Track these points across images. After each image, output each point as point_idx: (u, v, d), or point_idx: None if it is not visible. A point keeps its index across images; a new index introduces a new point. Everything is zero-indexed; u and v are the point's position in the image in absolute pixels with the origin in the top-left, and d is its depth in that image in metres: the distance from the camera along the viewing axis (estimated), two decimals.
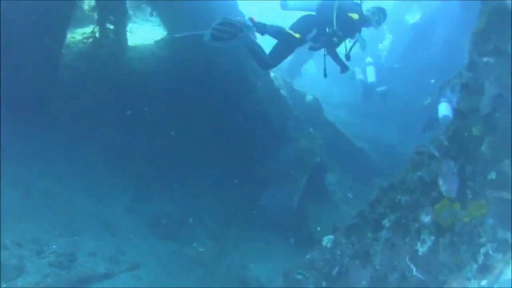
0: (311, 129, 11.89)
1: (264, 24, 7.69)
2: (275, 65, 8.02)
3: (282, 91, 12.90)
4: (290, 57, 8.57)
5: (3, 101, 10.02)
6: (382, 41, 19.87)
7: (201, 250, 9.90)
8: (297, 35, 7.80)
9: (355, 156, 14.55)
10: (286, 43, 7.92)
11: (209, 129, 12.32)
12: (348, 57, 8.24)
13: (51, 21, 10.66)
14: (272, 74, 12.58)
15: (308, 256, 7.66)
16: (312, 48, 8.18)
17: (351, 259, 6.58)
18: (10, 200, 9.35)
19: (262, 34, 7.77)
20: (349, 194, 13.26)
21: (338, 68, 8.52)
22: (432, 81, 15.50)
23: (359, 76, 17.25)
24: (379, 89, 17.04)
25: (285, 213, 11.34)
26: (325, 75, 8.24)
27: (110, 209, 10.27)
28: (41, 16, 10.33)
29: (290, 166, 11.51)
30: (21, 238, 8.59)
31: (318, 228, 10.98)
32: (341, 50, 8.25)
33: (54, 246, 8.71)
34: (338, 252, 6.94)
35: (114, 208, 10.36)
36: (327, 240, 7.20)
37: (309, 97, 14.62)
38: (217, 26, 7.03)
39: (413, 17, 22.60)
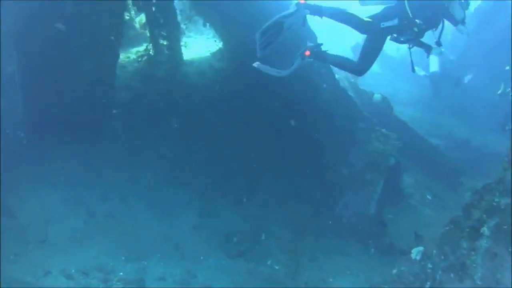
0: (383, 129, 11.04)
1: (320, 7, 7.15)
2: (369, 67, 7.36)
3: (349, 92, 12.11)
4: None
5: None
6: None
7: (276, 267, 9.22)
8: (368, 19, 7.17)
9: (430, 155, 13.55)
10: (373, 39, 7.26)
11: (275, 137, 11.76)
12: (438, 43, 7.35)
13: (102, 41, 10.32)
14: (336, 75, 11.83)
15: (395, 271, 6.87)
16: (395, 40, 7.40)
17: (445, 273, 5.77)
18: (73, 226, 9.13)
19: (321, 16, 7.22)
20: (427, 196, 12.34)
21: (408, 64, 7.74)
22: (507, 68, 14.47)
23: (422, 72, 16.22)
24: (466, 77, 15.87)
25: (362, 220, 10.57)
26: (412, 70, 7.54)
27: (177, 228, 9.81)
28: (92, 36, 10.03)
29: (365, 171, 10.71)
30: (86, 266, 8.31)
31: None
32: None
33: (121, 273, 8.37)
34: (429, 265, 6.14)
35: (182, 227, 9.88)
36: (416, 252, 6.41)
37: (377, 96, 13.74)
38: (260, 43, 6.92)
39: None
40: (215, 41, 14.91)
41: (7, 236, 8.22)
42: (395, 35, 7.31)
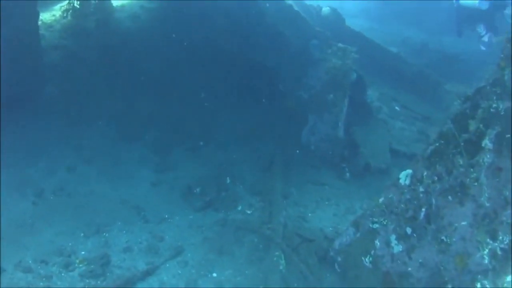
0: (339, 44, 10.15)
1: None
2: None
3: (295, 8, 11.11)
4: None
5: None
6: None
7: (248, 212, 8.47)
8: None
9: (391, 64, 12.80)
10: None
11: (223, 71, 10.85)
12: None
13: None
14: None
15: (381, 199, 6.17)
16: None
17: (441, 196, 5.06)
18: (21, 210, 8.10)
19: None
20: (396, 107, 11.67)
21: None
22: None
23: None
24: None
25: (332, 144, 9.80)
26: None
27: (135, 189, 8.85)
28: None
29: (326, 91, 9.87)
30: (43, 253, 7.33)
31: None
32: None
33: (82, 252, 7.41)
34: (421, 189, 5.42)
35: (139, 186, 8.92)
36: (404, 176, 5.68)
37: (325, 10, 12.81)
38: None
39: None
40: None
41: None
42: None
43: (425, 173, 5.33)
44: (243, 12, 10.76)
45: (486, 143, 4.39)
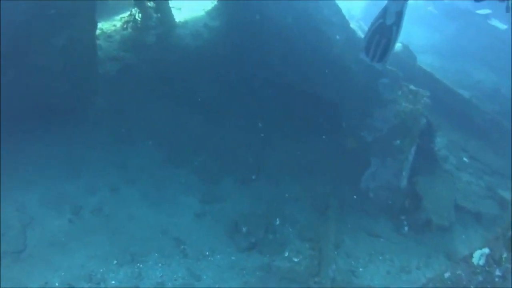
0: (411, 86, 9.43)
1: None
2: None
3: None
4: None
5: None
6: None
7: (295, 260, 7.78)
8: None
9: (462, 110, 11.94)
10: None
11: (284, 102, 10.22)
12: None
13: (74, 10, 8.67)
14: (351, 24, 10.21)
15: (447, 274, 5.39)
16: None
17: None
18: (56, 228, 7.65)
19: None
20: (464, 158, 10.82)
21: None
22: None
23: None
24: None
25: (393, 193, 9.07)
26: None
27: (177, 218, 8.29)
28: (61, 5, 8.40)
29: (392, 135, 9.16)
30: (72, 276, 6.89)
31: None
32: None
33: (113, 282, 6.93)
34: (498, 273, 4.64)
35: (182, 216, 8.35)
36: (478, 256, 4.92)
37: (397, 46, 12.05)
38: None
39: None
40: None
41: None
42: None
43: (504, 255, 4.56)
44: (310, 40, 10.14)
45: None
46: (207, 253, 7.71)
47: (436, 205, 8.89)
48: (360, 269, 7.81)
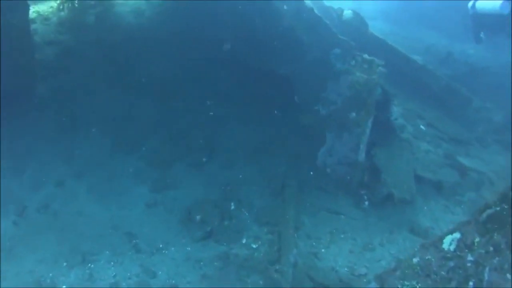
0: (365, 55, 9.10)
1: None
2: None
3: (315, 11, 10.02)
4: None
5: None
6: None
7: (254, 246, 7.44)
8: None
9: (416, 76, 11.70)
10: None
11: (232, 77, 9.88)
12: None
13: None
14: None
15: (416, 259, 5.11)
16: None
17: (497, 272, 4.03)
18: (1, 232, 7.16)
19: None
20: (421, 126, 10.62)
21: None
22: None
23: None
24: None
25: (351, 169, 8.76)
26: None
27: (128, 211, 7.86)
28: None
29: (348, 108, 8.83)
30: (20, 283, 6.47)
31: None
32: None
33: (63, 286, 6.49)
34: (470, 258, 4.38)
35: (133, 207, 7.92)
36: (449, 241, 4.64)
37: (347, 13, 11.68)
38: None
39: None
40: None
41: None
42: None
43: (477, 240, 4.29)
44: (257, 13, 9.70)
45: None
46: (160, 246, 7.32)
47: (396, 177, 8.64)
48: (322, 250, 7.49)
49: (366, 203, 8.55)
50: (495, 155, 10.29)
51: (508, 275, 3.85)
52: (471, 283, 4.26)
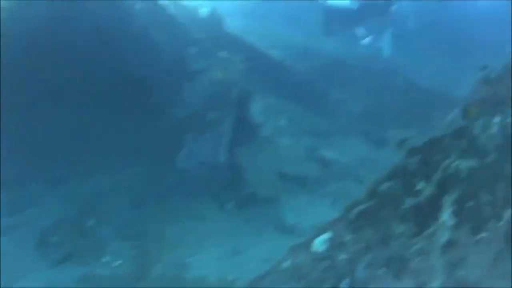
0: (222, 52, 8.95)
1: None
2: None
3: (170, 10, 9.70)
4: None
5: None
6: None
7: (116, 264, 7.00)
8: None
9: (275, 71, 11.76)
10: None
11: (84, 82, 9.17)
12: None
13: None
14: None
15: (287, 262, 4.97)
16: None
17: (371, 268, 3.99)
18: None
19: None
20: (281, 121, 10.65)
21: None
22: None
23: None
24: None
25: (213, 170, 8.58)
26: None
27: None
28: None
29: (206, 108, 8.63)
30: None
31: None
32: None
33: None
34: (343, 256, 4.30)
35: None
36: (321, 242, 4.55)
37: (204, 11, 11.46)
38: None
39: None
40: None
41: None
42: None
43: (348, 237, 4.23)
44: (106, 14, 9.18)
45: (443, 214, 3.38)
46: (17, 274, 6.66)
47: (260, 176, 8.61)
48: (189, 259, 7.24)
49: (231, 204, 8.39)
50: (355, 145, 10.54)
51: (382, 270, 3.82)
52: (345, 281, 4.21)
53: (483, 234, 3.23)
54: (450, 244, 3.34)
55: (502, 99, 3.39)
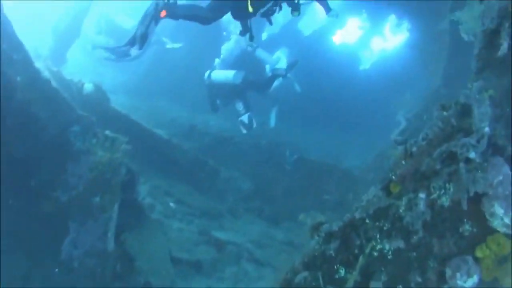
0: (107, 131, 8.41)
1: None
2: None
3: (53, 84, 9.01)
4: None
5: None
6: None
7: None
8: None
9: (162, 151, 11.34)
10: None
11: None
12: None
13: None
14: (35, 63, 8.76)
15: None
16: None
17: None
18: None
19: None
20: (170, 204, 10.21)
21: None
22: None
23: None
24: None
25: (101, 260, 7.82)
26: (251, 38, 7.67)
27: None
28: None
29: (90, 192, 7.95)
30: None
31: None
32: None
33: None
34: None
35: None
36: None
37: (88, 86, 10.85)
38: None
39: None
40: None
41: None
42: None
43: None
44: None
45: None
46: None
47: (152, 263, 8.01)
48: None
49: None
50: (248, 224, 10.33)
51: None
52: None
53: None
54: None
55: (426, 174, 3.27)
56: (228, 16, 7.42)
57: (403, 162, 3.45)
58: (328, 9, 8.74)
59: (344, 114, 15.71)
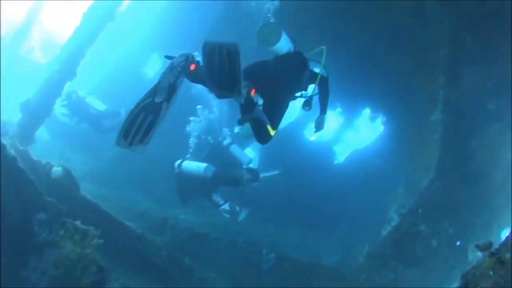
0: (77, 222, 7.38)
1: None
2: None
3: (19, 164, 8.03)
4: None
5: None
6: None
7: None
8: None
9: (135, 247, 10.22)
10: None
11: None
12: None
13: None
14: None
15: None
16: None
17: None
18: None
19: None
20: None
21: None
22: None
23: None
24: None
25: None
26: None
27: None
28: None
29: None
30: None
31: None
32: None
33: None
34: None
35: None
36: None
37: (57, 170, 9.79)
38: None
39: None
40: None
41: None
42: None
43: None
44: None
45: None
46: None
47: None
48: None
49: None
50: None
51: None
52: None
53: None
54: None
55: None
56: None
57: (491, 272, 2.63)
58: (324, 112, 7.27)
59: (319, 209, 15.29)
